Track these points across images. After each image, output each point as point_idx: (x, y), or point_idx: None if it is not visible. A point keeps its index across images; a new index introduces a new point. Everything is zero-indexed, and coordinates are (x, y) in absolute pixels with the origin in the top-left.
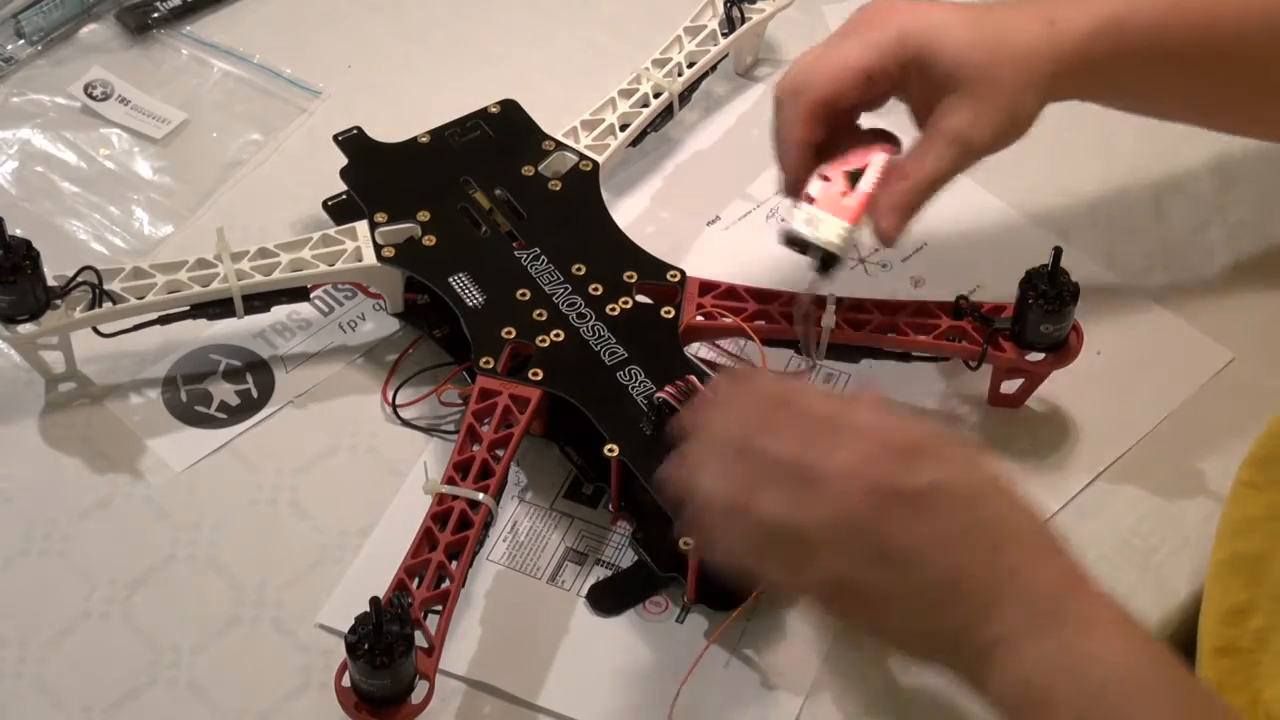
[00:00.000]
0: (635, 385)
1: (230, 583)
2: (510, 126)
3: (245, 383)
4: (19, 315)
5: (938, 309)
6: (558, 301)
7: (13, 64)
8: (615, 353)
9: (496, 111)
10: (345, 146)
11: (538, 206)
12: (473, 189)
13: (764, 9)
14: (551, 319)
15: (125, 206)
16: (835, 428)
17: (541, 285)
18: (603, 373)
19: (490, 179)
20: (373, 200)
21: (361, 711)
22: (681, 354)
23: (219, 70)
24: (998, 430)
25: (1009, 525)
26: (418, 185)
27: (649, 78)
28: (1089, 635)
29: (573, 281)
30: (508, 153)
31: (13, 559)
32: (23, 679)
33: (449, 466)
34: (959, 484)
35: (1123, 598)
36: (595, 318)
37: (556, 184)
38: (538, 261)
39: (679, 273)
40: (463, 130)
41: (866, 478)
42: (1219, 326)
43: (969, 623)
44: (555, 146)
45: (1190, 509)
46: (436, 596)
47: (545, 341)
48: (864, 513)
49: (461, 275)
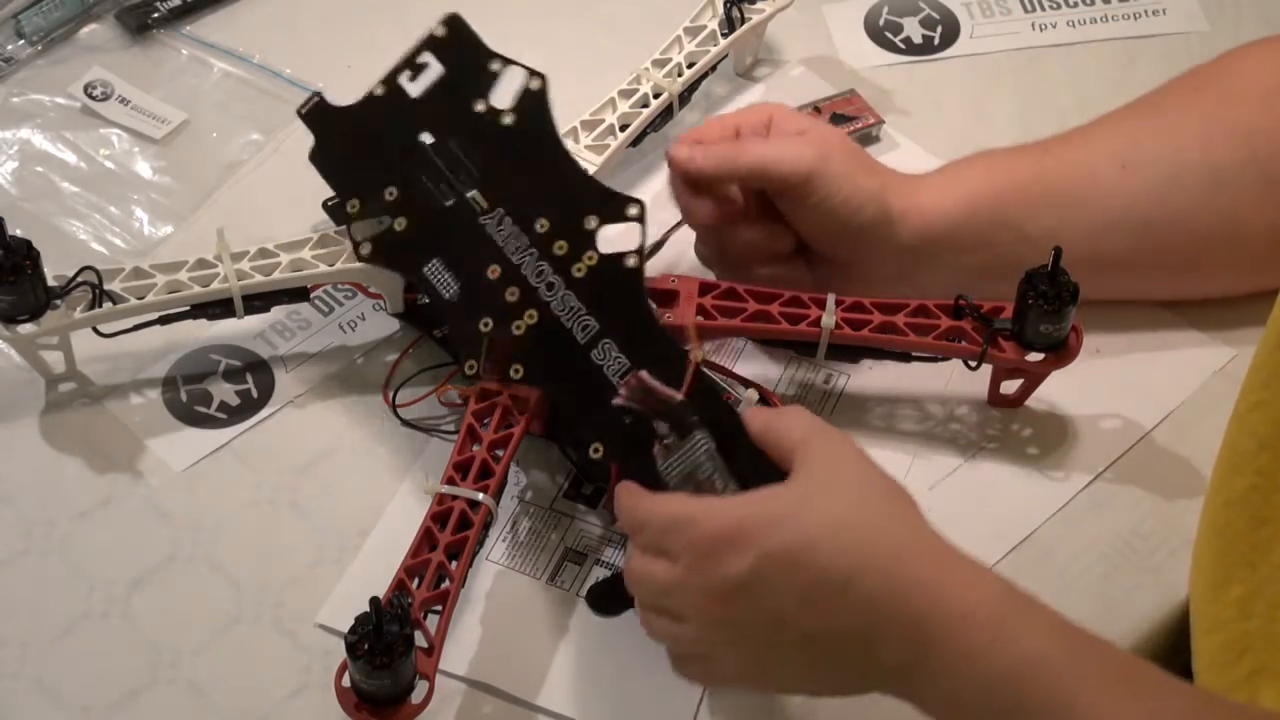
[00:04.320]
0: (610, 364)
1: (230, 583)
2: (459, 53)
3: (245, 383)
4: (19, 315)
5: (938, 309)
6: (526, 274)
7: (13, 64)
8: (587, 325)
9: (443, 35)
10: (310, 120)
11: (495, 152)
12: (433, 146)
13: (764, 9)
14: (523, 297)
15: (125, 206)
16: (665, 547)
17: (509, 255)
18: (578, 355)
19: (447, 127)
20: (343, 183)
21: (361, 711)
22: (648, 313)
23: (219, 70)
24: (998, 430)
25: (845, 561)
26: (382, 155)
27: (649, 78)
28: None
29: (538, 244)
30: (460, 89)
31: (13, 559)
32: (23, 679)
33: (449, 466)
34: (778, 551)
35: (1123, 598)
36: (564, 285)
37: (509, 116)
38: (502, 227)
39: (639, 205)
40: (414, 69)
41: (699, 587)
42: (1219, 326)
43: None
44: (503, 64)
45: (1190, 509)
46: (436, 596)
47: (520, 328)
48: (718, 614)
49: (435, 262)
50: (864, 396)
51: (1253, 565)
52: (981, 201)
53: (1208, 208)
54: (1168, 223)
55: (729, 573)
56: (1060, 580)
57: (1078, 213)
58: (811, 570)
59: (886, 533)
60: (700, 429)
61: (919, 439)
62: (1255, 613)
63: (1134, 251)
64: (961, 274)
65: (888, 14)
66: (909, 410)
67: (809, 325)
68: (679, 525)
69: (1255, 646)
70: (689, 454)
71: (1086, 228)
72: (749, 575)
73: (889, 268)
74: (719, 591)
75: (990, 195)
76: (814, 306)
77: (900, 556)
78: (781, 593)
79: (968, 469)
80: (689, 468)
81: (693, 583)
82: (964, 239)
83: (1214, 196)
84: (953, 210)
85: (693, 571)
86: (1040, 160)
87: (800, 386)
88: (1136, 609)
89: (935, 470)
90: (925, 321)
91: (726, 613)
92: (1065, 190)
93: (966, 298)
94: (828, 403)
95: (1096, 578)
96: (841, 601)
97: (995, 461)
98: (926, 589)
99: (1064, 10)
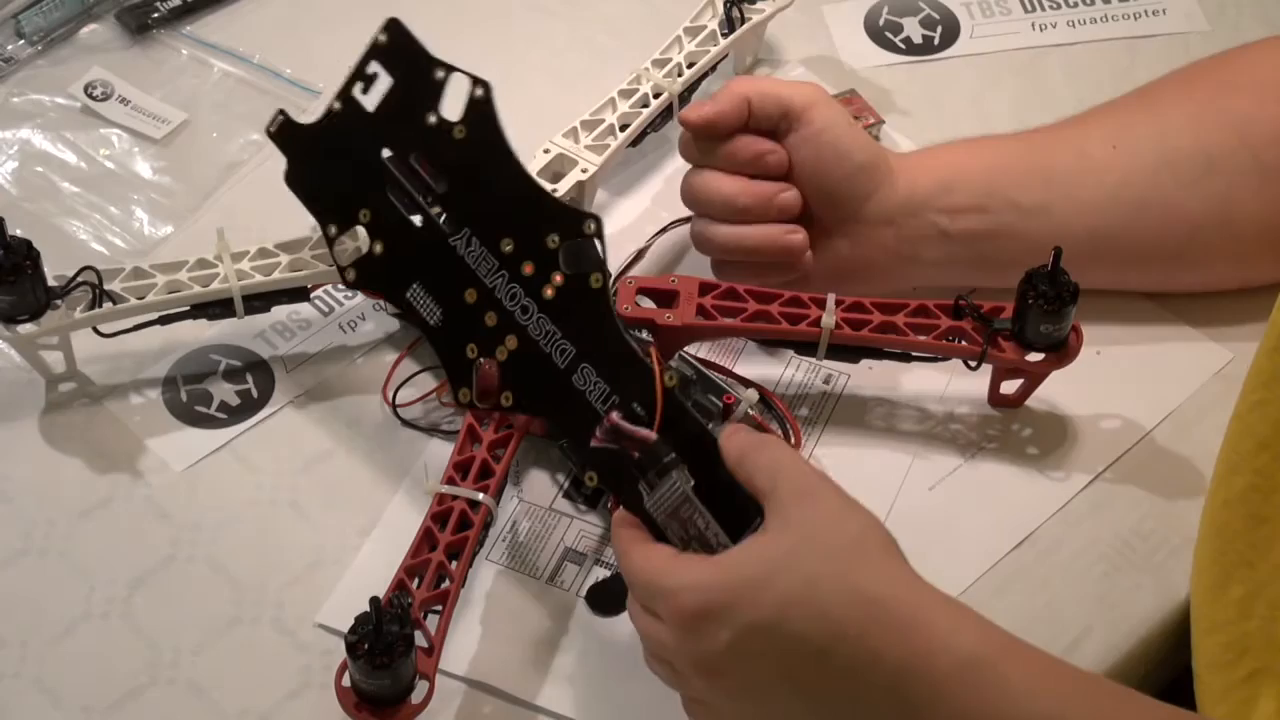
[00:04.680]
0: (591, 390)
1: (230, 583)
2: (404, 62)
3: (245, 383)
4: (19, 315)
5: (938, 309)
6: (500, 297)
7: (13, 64)
8: (564, 350)
9: (385, 42)
10: (278, 140)
11: (452, 168)
12: (394, 162)
13: (764, 9)
14: (502, 322)
15: (125, 206)
16: (652, 609)
17: (482, 278)
18: (561, 381)
19: (404, 141)
20: (318, 206)
21: (361, 711)
22: (617, 333)
23: (219, 70)
24: (998, 430)
25: (820, 629)
26: (349, 174)
27: (649, 78)
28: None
29: (507, 266)
30: (410, 100)
31: (13, 559)
32: (23, 679)
33: (449, 466)
34: (756, 624)
35: (1123, 597)
36: (537, 309)
37: (460, 129)
38: (471, 247)
39: (595, 221)
40: (365, 81)
41: (686, 655)
42: (1219, 326)
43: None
44: (446, 72)
45: (1190, 509)
46: (436, 596)
47: (504, 354)
48: (709, 681)
49: (415, 287)
50: (864, 396)
51: (1252, 565)
52: (971, 169)
53: (1199, 193)
54: (1160, 205)
55: (709, 648)
56: (1060, 580)
57: (1069, 187)
58: (789, 640)
59: (860, 592)
60: (678, 467)
61: (919, 439)
62: (1255, 613)
63: (1127, 232)
64: (955, 245)
65: (888, 14)
66: (909, 410)
67: (809, 325)
68: (658, 595)
69: (1255, 647)
70: (668, 495)
71: (1077, 204)
72: (729, 650)
73: (882, 228)
74: (704, 663)
75: (979, 167)
76: (814, 306)
77: (876, 618)
78: (764, 663)
79: (968, 469)
80: (671, 506)
81: (681, 649)
82: (956, 199)
83: (1206, 182)
84: (943, 171)
85: (678, 640)
86: (1029, 139)
87: (800, 386)
88: (1136, 609)
89: (935, 470)
90: (925, 321)
91: (716, 681)
92: (1056, 165)
93: (966, 297)
94: (827, 403)
95: (1096, 578)
96: (821, 672)
97: (995, 461)
98: (903, 651)
99: (1064, 10)
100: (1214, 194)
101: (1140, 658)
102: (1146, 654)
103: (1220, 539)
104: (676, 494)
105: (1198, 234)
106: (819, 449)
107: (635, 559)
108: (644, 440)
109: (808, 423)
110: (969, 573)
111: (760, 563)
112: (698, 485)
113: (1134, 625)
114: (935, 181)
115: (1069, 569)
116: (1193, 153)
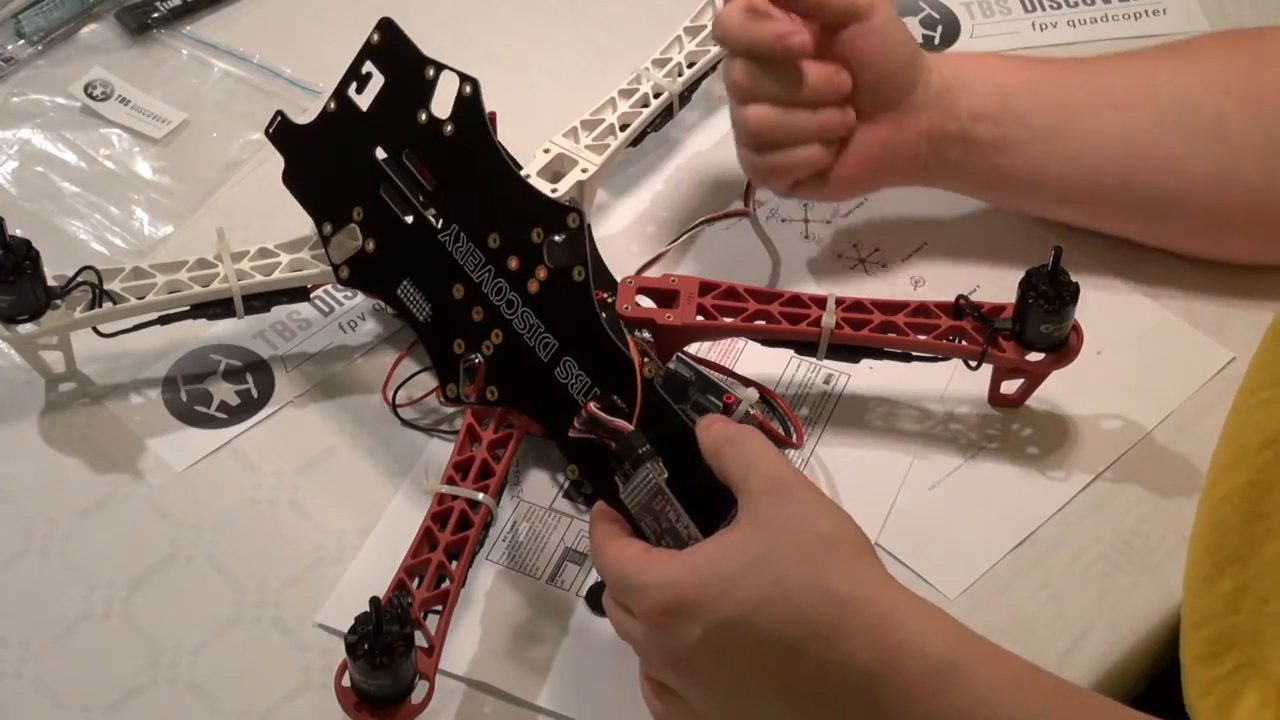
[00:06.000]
0: (573, 383)
1: (230, 583)
2: (396, 59)
3: (245, 383)
4: (19, 315)
5: (938, 309)
6: (487, 292)
7: (13, 64)
8: (548, 343)
9: (378, 41)
10: (276, 140)
11: (441, 165)
12: (387, 161)
13: None
14: (488, 316)
15: (125, 206)
16: (625, 604)
17: (469, 273)
18: (543, 374)
19: (396, 140)
20: (314, 205)
21: (361, 711)
22: (599, 326)
23: (219, 70)
24: (998, 430)
25: (791, 630)
26: (345, 173)
27: (649, 78)
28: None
29: (493, 260)
30: (402, 99)
31: (13, 559)
32: (23, 679)
33: (449, 466)
34: (726, 620)
35: (1123, 598)
36: (521, 304)
37: (449, 126)
38: (459, 243)
39: (578, 215)
40: (359, 80)
41: (658, 650)
42: (1219, 326)
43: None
44: (436, 70)
45: (1190, 509)
46: (436, 596)
47: (490, 348)
48: (683, 676)
49: (406, 283)
50: (864, 396)
51: (1244, 560)
52: (992, 79)
53: (1203, 153)
54: (1162, 156)
55: (680, 645)
56: (1060, 580)
57: (1080, 118)
58: (760, 637)
59: (831, 591)
60: (652, 459)
61: (919, 439)
62: (1243, 608)
63: (1125, 175)
64: (972, 151)
65: None
66: (909, 410)
67: (809, 325)
68: (630, 591)
69: (1241, 641)
70: (641, 487)
71: (1084, 135)
72: (700, 646)
73: (919, 114)
74: (676, 659)
75: (999, 80)
76: (814, 306)
77: (847, 619)
78: (735, 660)
79: (968, 469)
80: (645, 498)
81: (653, 645)
82: (974, 102)
83: (1212, 144)
84: (969, 76)
85: (650, 636)
86: (1056, 65)
87: (800, 386)
88: (1136, 609)
89: (935, 470)
90: (925, 321)
91: (689, 677)
92: (1072, 95)
93: (966, 297)
94: (828, 403)
95: (1096, 578)
96: (792, 669)
97: (995, 461)
98: (874, 652)
99: (1064, 10)
100: (1217, 158)
101: (1140, 657)
102: (1146, 654)
103: (1215, 533)
104: (649, 486)
105: (1190, 193)
106: (819, 449)
107: (609, 554)
108: (620, 430)
109: (808, 422)
110: (969, 573)
111: (729, 560)
112: (675, 477)
113: (1134, 625)
114: (960, 83)
115: (1069, 569)
116: (1207, 113)
